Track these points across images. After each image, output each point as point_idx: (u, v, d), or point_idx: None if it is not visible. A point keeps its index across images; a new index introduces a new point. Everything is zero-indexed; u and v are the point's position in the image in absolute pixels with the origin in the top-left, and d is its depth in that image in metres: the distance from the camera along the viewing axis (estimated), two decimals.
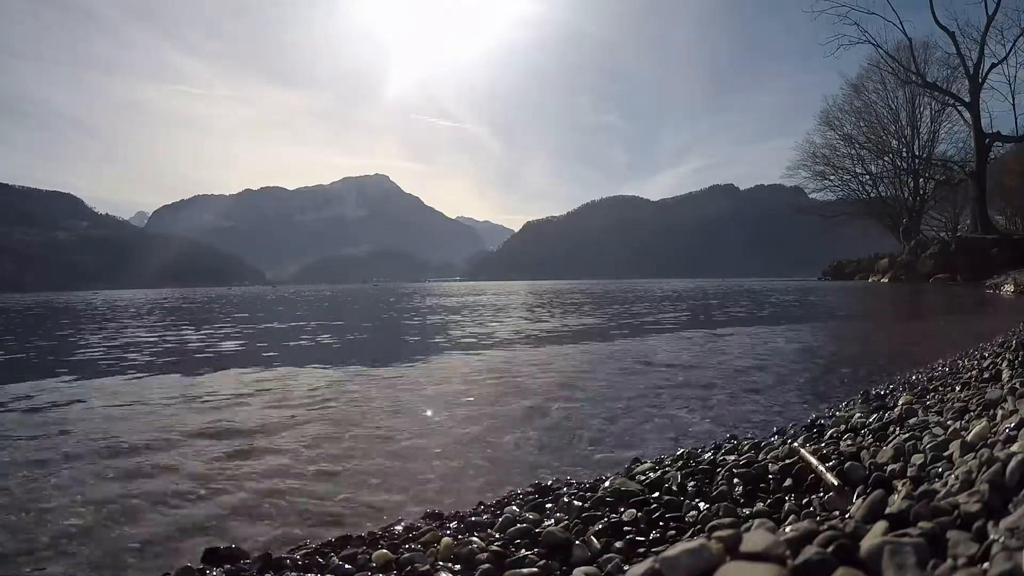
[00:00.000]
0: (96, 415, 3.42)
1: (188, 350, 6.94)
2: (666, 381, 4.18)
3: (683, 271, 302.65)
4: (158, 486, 2.18)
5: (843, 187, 45.07)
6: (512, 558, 1.40)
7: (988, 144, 32.78)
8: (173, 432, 2.95)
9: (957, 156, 37.37)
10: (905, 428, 2.04)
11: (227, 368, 5.31)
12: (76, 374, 5.08)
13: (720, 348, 6.10)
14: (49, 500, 2.05)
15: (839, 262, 43.04)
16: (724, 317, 10.75)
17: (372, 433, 2.90)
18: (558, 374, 4.58)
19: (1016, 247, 26.03)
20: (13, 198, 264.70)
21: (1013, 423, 1.54)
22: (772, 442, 2.27)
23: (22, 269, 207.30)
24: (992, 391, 2.23)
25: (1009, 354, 3.35)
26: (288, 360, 5.79)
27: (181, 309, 18.34)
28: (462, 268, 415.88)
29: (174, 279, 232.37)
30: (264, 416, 3.29)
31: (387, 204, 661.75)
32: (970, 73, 32.65)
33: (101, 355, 6.53)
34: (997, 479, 0.99)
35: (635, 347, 6.36)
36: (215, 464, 2.42)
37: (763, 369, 4.68)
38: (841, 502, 1.50)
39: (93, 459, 2.52)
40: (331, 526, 1.82)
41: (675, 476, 1.89)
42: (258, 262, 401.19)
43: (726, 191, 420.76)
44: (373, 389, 4.10)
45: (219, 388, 4.24)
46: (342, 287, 67.38)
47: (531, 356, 5.75)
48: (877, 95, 41.81)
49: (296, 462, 2.44)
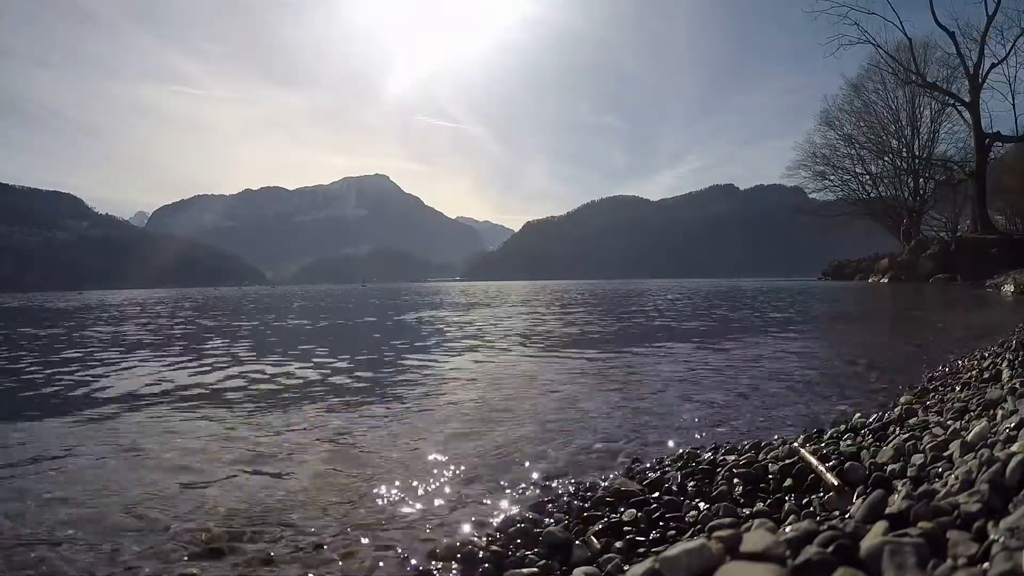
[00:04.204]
0: (96, 415, 3.42)
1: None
2: (677, 387, 4.18)
3: (683, 271, 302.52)
4: (158, 485, 2.18)
5: (843, 187, 45.12)
6: (512, 558, 1.40)
7: (988, 144, 32.78)
8: (172, 431, 2.96)
9: (957, 156, 37.41)
10: (905, 428, 2.04)
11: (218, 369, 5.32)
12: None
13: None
14: (48, 501, 2.05)
15: (839, 262, 43.03)
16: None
17: (372, 433, 2.90)
18: (559, 377, 4.58)
19: (1016, 247, 26.03)
20: (13, 198, 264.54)
21: (1013, 423, 1.54)
22: (772, 442, 2.27)
23: (22, 269, 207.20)
24: (992, 391, 2.23)
25: (1009, 354, 3.35)
26: (284, 357, 5.79)
27: (190, 318, 18.34)
28: (462, 268, 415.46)
29: (174, 279, 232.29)
30: (263, 417, 3.30)
31: (387, 204, 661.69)
32: (970, 73, 32.65)
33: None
34: (997, 479, 0.99)
35: (642, 354, 6.36)
36: (215, 463, 2.42)
37: (775, 377, 4.68)
38: (841, 502, 1.50)
39: (92, 459, 2.52)
40: (329, 525, 1.82)
41: (675, 476, 1.90)
42: (258, 262, 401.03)
43: (726, 191, 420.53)
44: (372, 391, 4.10)
45: (208, 394, 4.24)
46: (338, 287, 67.33)
47: (531, 360, 5.74)
48: (877, 95, 41.85)
49: (295, 463, 2.44)
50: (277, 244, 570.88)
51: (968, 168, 33.71)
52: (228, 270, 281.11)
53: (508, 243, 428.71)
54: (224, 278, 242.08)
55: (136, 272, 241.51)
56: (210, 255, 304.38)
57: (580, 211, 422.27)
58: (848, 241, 49.84)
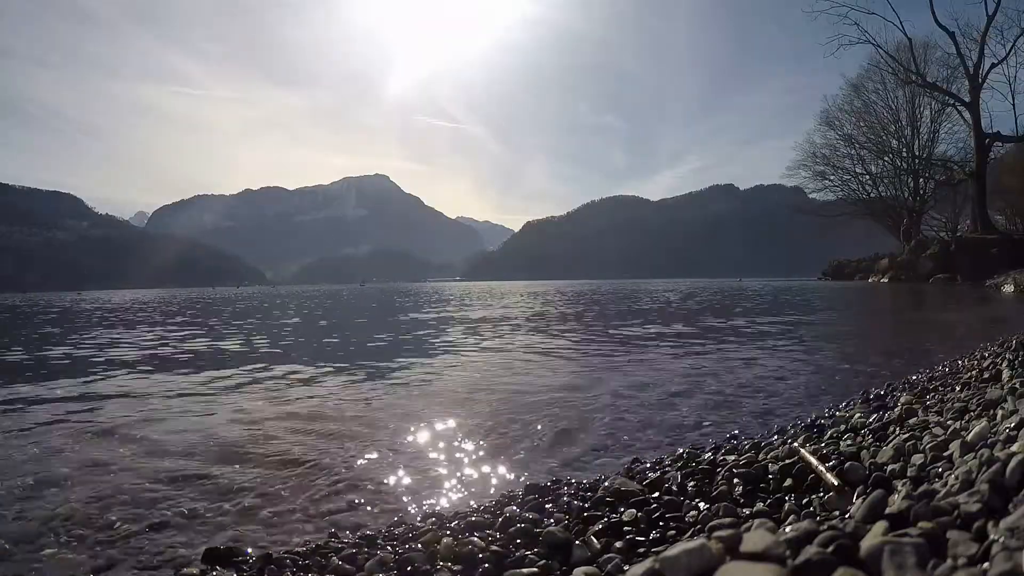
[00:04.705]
0: (95, 414, 3.42)
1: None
2: (680, 388, 4.17)
3: (683, 271, 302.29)
4: (157, 486, 2.18)
5: (843, 187, 45.09)
6: (512, 558, 1.40)
7: (988, 144, 32.76)
8: (171, 432, 2.96)
9: (957, 156, 37.39)
10: (905, 428, 2.04)
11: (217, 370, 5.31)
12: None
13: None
14: (46, 498, 2.05)
15: (839, 262, 43.01)
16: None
17: (371, 435, 2.90)
18: (560, 377, 4.58)
19: (1016, 247, 26.02)
20: (13, 198, 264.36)
21: (1013, 423, 1.54)
22: (772, 442, 2.26)
23: (22, 269, 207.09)
24: (992, 391, 2.23)
25: (1009, 354, 3.35)
26: (279, 356, 5.79)
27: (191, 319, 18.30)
28: (462, 268, 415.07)
29: (174, 279, 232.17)
30: (262, 417, 3.29)
31: (387, 204, 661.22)
32: (970, 73, 32.63)
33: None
34: (997, 479, 0.99)
35: (644, 355, 6.35)
36: (215, 464, 2.42)
37: (783, 379, 4.68)
38: (841, 502, 1.50)
39: (92, 458, 2.52)
40: (330, 527, 1.82)
41: (675, 476, 1.89)
42: (258, 262, 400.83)
43: (726, 191, 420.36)
44: (371, 393, 4.10)
45: (215, 393, 4.24)
46: (335, 287, 67.33)
47: (532, 360, 5.74)
48: (877, 95, 41.83)
49: (295, 464, 2.44)
50: (277, 244, 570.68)
51: (968, 168, 33.69)
52: (228, 270, 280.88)
53: (508, 243, 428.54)
54: (224, 278, 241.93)
55: (136, 272, 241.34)
56: (210, 255, 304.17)
57: (580, 211, 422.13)
58: (848, 241, 49.81)
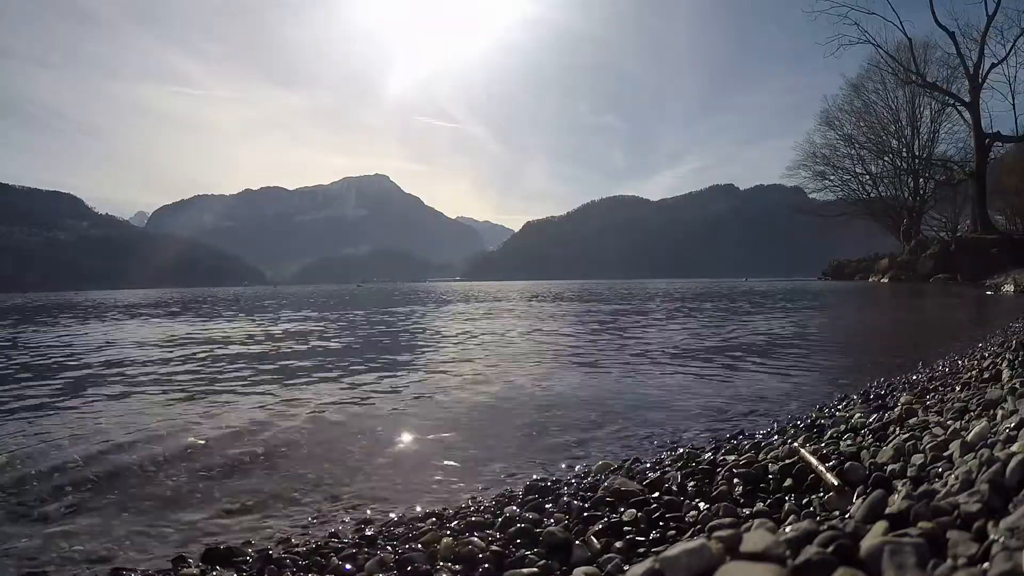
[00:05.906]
0: (93, 413, 3.42)
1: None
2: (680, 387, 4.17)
3: (683, 271, 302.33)
4: (157, 486, 2.18)
5: (843, 187, 45.11)
6: (512, 558, 1.40)
7: (988, 144, 32.76)
8: (170, 434, 2.96)
9: (957, 156, 37.40)
10: (905, 428, 2.04)
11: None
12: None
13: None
14: (46, 497, 2.05)
15: (839, 262, 43.01)
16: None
17: (371, 435, 2.90)
18: (559, 377, 4.58)
19: (1016, 247, 26.01)
20: (13, 198, 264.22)
21: (1013, 423, 1.54)
22: (772, 442, 2.26)
23: (22, 269, 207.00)
24: (992, 391, 2.23)
25: (1009, 354, 3.35)
26: (279, 355, 5.79)
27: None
28: (462, 268, 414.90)
29: (174, 279, 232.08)
30: (260, 418, 3.29)
31: (387, 204, 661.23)
32: (970, 73, 32.63)
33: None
34: (997, 479, 0.99)
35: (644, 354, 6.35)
36: (215, 464, 2.42)
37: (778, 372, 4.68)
38: (841, 502, 1.50)
39: (91, 457, 2.52)
40: (330, 527, 1.82)
41: (675, 476, 1.89)
42: (258, 262, 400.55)
43: (726, 191, 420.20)
44: (370, 392, 4.11)
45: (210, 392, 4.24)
46: (334, 288, 67.19)
47: (531, 360, 5.74)
48: (877, 95, 41.83)
49: (294, 464, 2.44)
50: (277, 244, 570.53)
51: (968, 168, 33.69)
52: (228, 270, 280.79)
53: (508, 243, 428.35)
54: (224, 278, 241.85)
55: (136, 272, 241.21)
56: (210, 255, 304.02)
57: (580, 211, 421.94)
58: (848, 241, 49.82)
